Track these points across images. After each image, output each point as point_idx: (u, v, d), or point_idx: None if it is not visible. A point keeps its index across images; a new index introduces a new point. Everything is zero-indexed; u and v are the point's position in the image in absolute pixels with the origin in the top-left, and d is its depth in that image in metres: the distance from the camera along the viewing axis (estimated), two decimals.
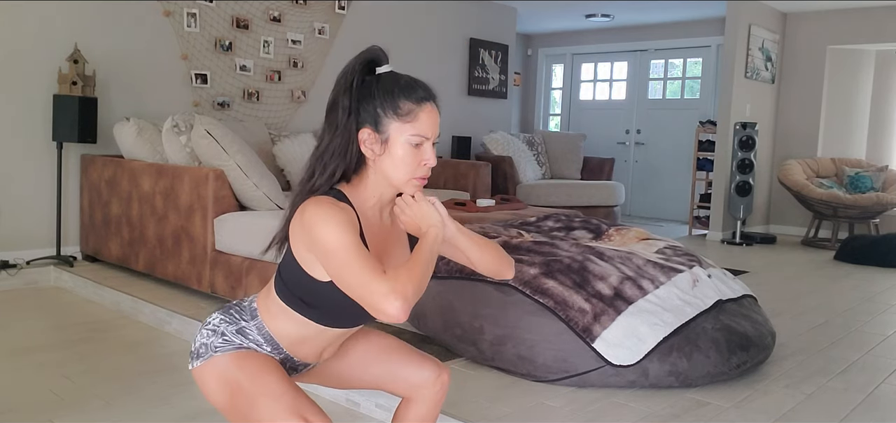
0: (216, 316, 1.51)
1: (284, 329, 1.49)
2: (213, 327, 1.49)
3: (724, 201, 7.39)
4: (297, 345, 1.51)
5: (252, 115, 5.78)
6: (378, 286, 1.27)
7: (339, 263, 1.31)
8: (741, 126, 7.07)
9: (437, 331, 3.08)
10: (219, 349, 1.46)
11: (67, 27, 4.69)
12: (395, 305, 1.25)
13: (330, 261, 1.32)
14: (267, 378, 1.43)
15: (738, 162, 7.09)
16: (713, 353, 2.73)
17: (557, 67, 10.38)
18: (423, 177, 1.46)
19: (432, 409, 1.69)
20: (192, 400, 2.63)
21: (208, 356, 1.46)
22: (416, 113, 1.41)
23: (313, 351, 1.55)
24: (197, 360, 1.48)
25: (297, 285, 1.44)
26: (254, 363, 1.45)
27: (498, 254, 1.58)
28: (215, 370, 1.46)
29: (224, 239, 3.70)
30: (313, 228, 1.33)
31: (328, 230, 1.32)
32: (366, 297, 1.28)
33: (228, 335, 1.48)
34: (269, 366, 1.46)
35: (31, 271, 4.41)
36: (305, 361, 1.56)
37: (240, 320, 1.50)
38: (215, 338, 1.47)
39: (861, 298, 4.65)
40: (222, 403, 1.46)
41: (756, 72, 7.54)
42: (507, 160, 7.21)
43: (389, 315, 1.26)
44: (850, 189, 7.20)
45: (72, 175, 4.82)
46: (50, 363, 2.99)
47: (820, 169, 7.48)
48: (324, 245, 1.32)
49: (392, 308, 1.26)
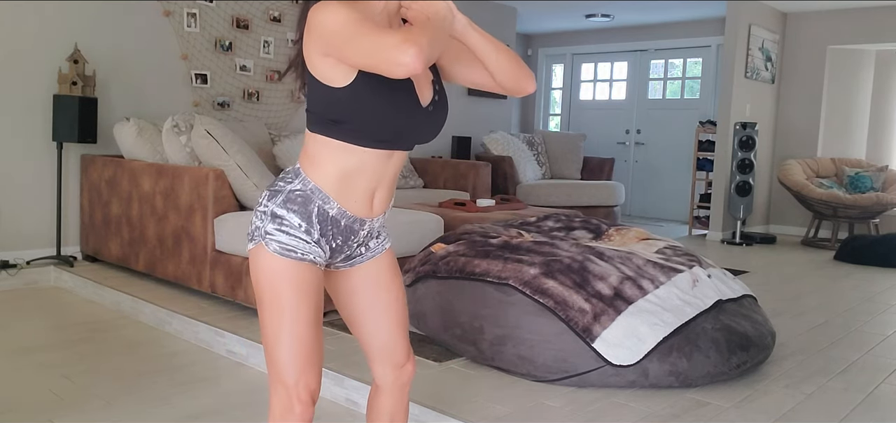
0: (265, 194, 1.51)
1: (327, 171, 1.47)
2: (263, 207, 1.49)
3: (724, 201, 7.39)
4: (345, 187, 1.48)
5: (252, 115, 5.78)
6: (389, 39, 1.26)
7: (347, 36, 1.31)
8: (741, 126, 7.07)
9: (437, 331, 3.08)
10: (269, 238, 1.46)
11: (67, 27, 4.69)
12: (409, 51, 1.24)
13: (339, 41, 1.32)
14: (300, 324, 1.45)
15: (738, 162, 7.09)
16: (713, 353, 2.73)
17: (557, 67, 10.38)
18: None
19: (399, 398, 1.70)
20: (192, 400, 2.63)
21: (259, 239, 1.48)
22: None
23: (362, 193, 1.51)
24: (251, 241, 1.50)
25: (324, 106, 1.44)
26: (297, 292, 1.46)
27: (515, 59, 1.54)
28: (265, 266, 1.47)
29: (224, 239, 3.70)
30: (319, 21, 1.34)
31: (331, 13, 1.32)
32: (379, 52, 1.27)
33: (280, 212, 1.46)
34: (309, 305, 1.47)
35: (31, 271, 4.41)
36: (358, 214, 1.52)
37: (285, 186, 1.49)
38: (266, 221, 1.47)
39: (861, 298, 4.65)
40: (258, 296, 1.49)
41: (756, 72, 7.54)
42: (507, 160, 7.22)
43: (404, 64, 1.25)
44: (850, 189, 7.20)
45: (72, 175, 4.82)
46: (50, 363, 2.99)
47: (820, 169, 7.48)
48: (330, 28, 1.32)
49: (406, 56, 1.24)
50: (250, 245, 1.50)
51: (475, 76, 1.59)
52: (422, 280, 3.20)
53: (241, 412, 2.55)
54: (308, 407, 1.48)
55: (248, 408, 2.59)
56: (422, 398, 2.49)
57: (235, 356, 3.14)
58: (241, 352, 3.11)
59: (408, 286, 3.29)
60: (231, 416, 2.52)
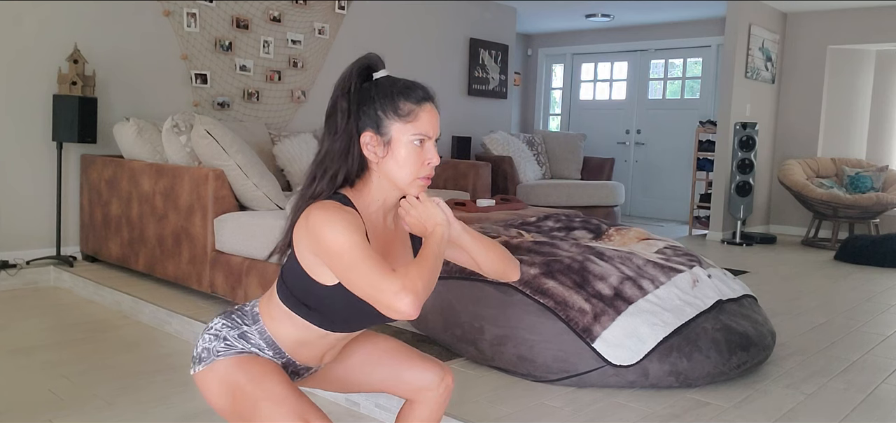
0: (218, 321, 1.51)
1: (286, 333, 1.49)
2: (216, 332, 1.49)
3: (724, 201, 7.39)
4: (299, 349, 1.51)
5: (252, 115, 5.78)
6: (389, 284, 1.27)
7: (347, 264, 1.30)
8: (741, 126, 7.07)
9: (437, 331, 3.08)
10: (220, 354, 1.46)
11: (67, 27, 4.69)
12: (406, 301, 1.26)
13: (337, 263, 1.32)
14: (269, 382, 1.43)
15: (738, 162, 7.09)
16: (713, 353, 2.73)
17: (557, 67, 10.38)
18: (427, 176, 1.46)
19: (436, 411, 1.68)
20: (191, 400, 2.63)
21: (210, 360, 1.46)
22: (416, 113, 1.42)
23: (315, 355, 1.55)
24: (199, 364, 1.48)
25: (301, 290, 1.44)
26: (256, 367, 1.45)
27: (503, 255, 1.58)
28: (217, 375, 1.46)
29: (224, 239, 3.70)
30: (319, 231, 1.33)
31: (334, 233, 1.31)
32: (376, 296, 1.28)
33: (231, 340, 1.48)
34: (271, 369, 1.46)
35: (31, 271, 4.41)
36: (307, 364, 1.56)
37: (241, 325, 1.50)
38: (217, 343, 1.47)
39: (861, 298, 4.65)
40: (224, 407, 1.46)
41: (756, 72, 7.54)
42: (507, 160, 7.22)
43: (401, 312, 1.27)
44: (850, 189, 7.20)
45: (72, 175, 4.82)
46: (50, 363, 2.99)
47: (820, 169, 7.48)
48: (330, 248, 1.32)
49: (403, 305, 1.26)
50: (199, 367, 1.48)
51: (460, 257, 1.59)
52: None
53: None
54: None
55: None
56: None
57: None
58: None
59: None
60: None
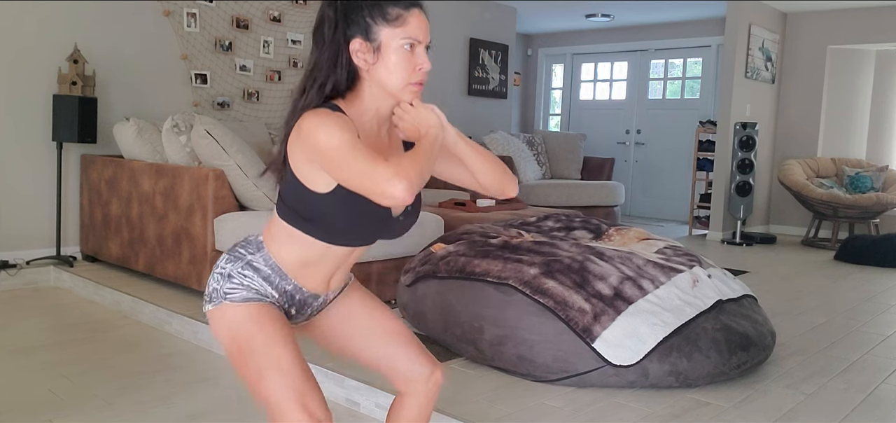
0: (223, 257, 1.52)
1: (290, 255, 1.48)
2: (221, 269, 1.49)
3: (724, 201, 7.39)
4: (304, 271, 1.50)
5: (252, 115, 5.78)
6: (382, 171, 1.28)
7: (340, 160, 1.31)
8: (741, 126, 7.07)
9: (437, 331, 3.08)
10: (228, 295, 1.46)
11: (67, 27, 4.69)
12: (399, 186, 1.26)
13: (331, 161, 1.33)
14: (277, 348, 1.43)
15: (738, 162, 7.09)
16: (713, 353, 2.73)
17: (557, 67, 10.38)
18: (419, 82, 1.45)
19: (424, 407, 1.68)
20: (192, 400, 2.63)
21: (219, 301, 1.47)
22: (405, 17, 1.41)
23: (322, 277, 1.53)
24: (209, 304, 1.49)
25: (299, 203, 1.44)
26: (265, 325, 1.45)
27: (500, 168, 1.56)
28: (227, 320, 1.46)
29: (224, 239, 3.70)
30: (311, 134, 1.34)
31: (326, 133, 1.32)
32: (370, 183, 1.28)
33: (236, 276, 1.47)
34: (281, 333, 1.45)
35: (31, 271, 4.41)
36: (314, 291, 1.54)
37: (246, 255, 1.49)
38: (224, 282, 1.47)
39: (861, 298, 4.65)
40: (230, 353, 1.47)
41: (756, 72, 7.54)
42: (507, 160, 7.21)
43: (394, 196, 1.27)
44: (850, 189, 7.20)
45: (72, 175, 4.82)
46: (50, 363, 2.99)
47: (820, 169, 7.48)
48: (323, 148, 1.33)
49: (396, 190, 1.26)
50: (209, 306, 1.49)
51: (457, 174, 1.59)
52: (422, 280, 3.20)
53: (241, 413, 2.55)
54: None
55: (247, 408, 2.58)
56: None
57: None
58: None
59: (408, 286, 3.29)
60: (231, 416, 2.52)
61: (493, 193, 1.58)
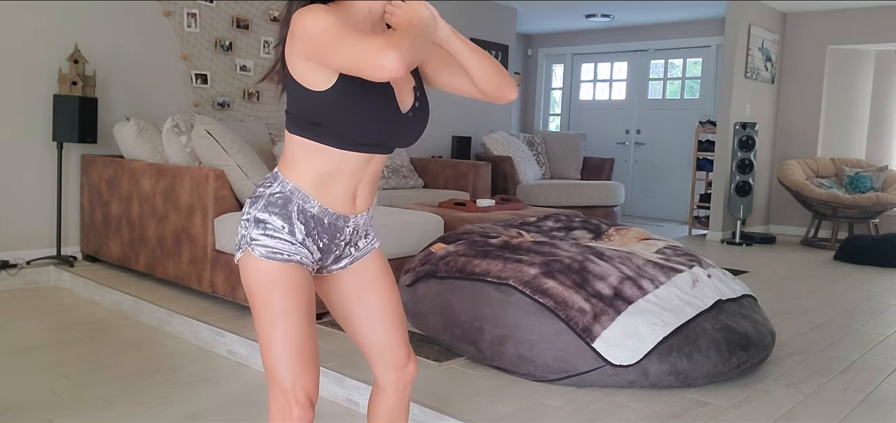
0: (247, 203, 1.53)
1: (306, 172, 1.48)
2: (246, 215, 1.51)
3: (724, 201, 7.39)
4: (324, 187, 1.49)
5: (252, 115, 5.79)
6: (371, 43, 1.28)
7: (330, 41, 1.32)
8: (741, 126, 7.07)
9: (437, 331, 3.08)
10: (255, 243, 1.47)
11: (67, 27, 4.69)
12: (390, 55, 1.26)
13: (322, 46, 1.33)
14: (287, 324, 1.45)
15: (738, 162, 7.09)
16: (713, 353, 2.73)
17: (557, 67, 10.38)
18: None
19: (400, 400, 1.70)
20: (192, 400, 2.63)
21: (245, 247, 1.49)
22: None
23: (343, 193, 1.52)
24: (238, 251, 1.51)
25: (304, 108, 1.44)
26: (287, 294, 1.46)
27: (497, 67, 1.56)
28: (253, 270, 1.48)
29: (224, 239, 3.70)
30: (301, 25, 1.35)
31: (313, 18, 1.33)
32: (361, 56, 1.28)
33: (261, 218, 1.48)
34: (295, 307, 1.47)
35: (32, 271, 4.42)
36: (340, 210, 1.53)
37: (265, 191, 1.50)
38: (250, 228, 1.49)
39: (861, 298, 4.65)
40: (252, 301, 1.50)
41: (756, 72, 7.54)
42: (507, 160, 7.22)
43: (386, 67, 1.26)
44: (849, 189, 7.20)
45: (72, 175, 4.82)
46: (50, 363, 2.99)
47: (820, 169, 7.49)
48: (313, 33, 1.33)
49: (387, 59, 1.26)
50: (238, 254, 1.51)
51: (457, 83, 1.60)
52: (422, 280, 3.20)
53: (241, 413, 2.55)
54: (306, 410, 1.48)
55: (248, 408, 2.59)
56: (422, 398, 2.49)
57: (235, 355, 3.14)
58: (242, 352, 3.11)
59: (408, 286, 3.29)
60: (231, 416, 2.52)
61: (491, 96, 1.57)
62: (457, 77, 1.59)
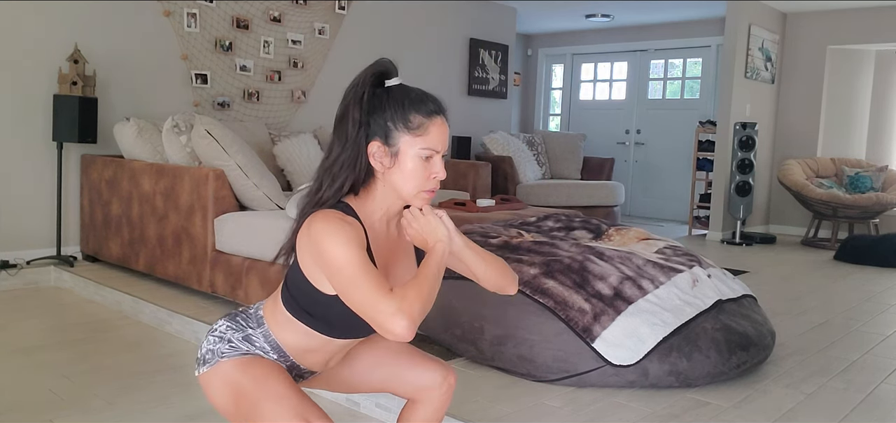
0: (222, 323, 1.52)
1: (290, 339, 1.50)
2: (220, 334, 1.50)
3: (724, 201, 7.39)
4: (304, 354, 1.52)
5: (252, 115, 5.78)
6: (385, 306, 1.27)
7: (345, 280, 1.31)
8: (741, 126, 7.07)
9: (437, 331, 3.08)
10: (225, 355, 1.47)
11: (67, 27, 4.69)
12: (401, 325, 1.27)
13: (336, 277, 1.33)
14: (271, 382, 1.44)
15: (738, 162, 7.09)
16: (713, 353, 2.73)
17: (557, 67, 10.38)
18: (432, 190, 1.46)
19: (438, 410, 1.69)
20: (192, 400, 2.63)
21: (214, 361, 1.47)
22: (426, 126, 1.41)
23: (320, 360, 1.55)
24: (203, 366, 1.49)
25: (304, 297, 1.45)
26: (258, 368, 1.46)
27: (503, 270, 1.59)
28: (221, 376, 1.46)
29: (224, 239, 3.70)
30: (320, 242, 1.34)
31: (335, 246, 1.32)
32: (372, 315, 1.29)
33: (235, 342, 1.48)
34: (274, 370, 1.46)
35: (32, 271, 4.41)
36: (312, 369, 1.57)
37: (246, 328, 1.50)
38: (222, 344, 1.48)
39: (861, 298, 4.65)
40: (227, 408, 1.47)
41: (756, 72, 7.54)
42: (507, 160, 7.22)
43: (396, 334, 1.27)
44: (849, 189, 7.20)
45: (72, 175, 4.82)
46: (50, 363, 2.99)
47: (820, 169, 7.49)
48: (331, 261, 1.32)
49: (398, 328, 1.27)
50: (203, 370, 1.48)
51: (459, 268, 1.59)
52: None
53: None
54: None
55: None
56: None
57: None
58: None
59: None
60: None
61: (492, 290, 1.61)
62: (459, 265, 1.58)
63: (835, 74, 7.80)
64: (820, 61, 7.77)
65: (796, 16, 7.90)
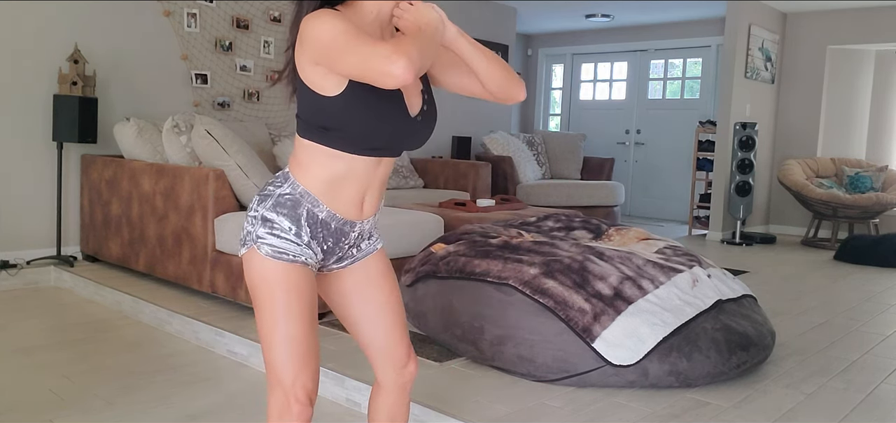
0: (255, 200, 1.53)
1: (316, 175, 1.48)
2: (253, 212, 1.51)
3: (724, 201, 7.39)
4: (333, 191, 1.50)
5: (252, 115, 5.78)
6: (380, 50, 1.27)
7: (339, 48, 1.32)
8: (741, 126, 7.07)
9: (438, 331, 3.08)
10: (260, 240, 1.47)
11: (67, 27, 4.69)
12: (399, 63, 1.26)
13: (331, 52, 1.33)
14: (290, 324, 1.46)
15: (738, 162, 7.09)
16: (713, 353, 2.73)
17: (557, 67, 10.38)
18: None
19: (399, 400, 1.71)
20: (192, 400, 2.63)
21: (251, 243, 1.49)
22: None
23: (351, 197, 1.52)
24: (243, 247, 1.51)
25: (315, 113, 1.45)
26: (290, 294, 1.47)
27: (506, 69, 1.56)
28: (257, 268, 1.48)
29: (224, 239, 3.70)
30: (311, 31, 1.35)
31: (323, 24, 1.33)
32: (369, 63, 1.28)
33: (269, 218, 1.48)
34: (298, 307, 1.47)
35: (32, 271, 4.42)
36: (348, 216, 1.53)
37: (274, 191, 1.50)
38: (257, 225, 1.49)
39: (861, 298, 4.65)
40: (254, 299, 1.51)
41: (756, 72, 7.54)
42: (507, 160, 7.22)
43: (394, 74, 1.26)
44: (849, 189, 7.20)
45: (72, 175, 4.82)
46: (50, 363, 2.99)
47: (820, 169, 7.49)
48: (323, 39, 1.33)
49: (396, 67, 1.26)
50: (243, 250, 1.51)
51: (466, 84, 1.60)
52: (422, 280, 3.20)
53: (241, 413, 2.55)
54: (305, 407, 1.48)
55: (248, 408, 2.59)
56: (422, 397, 2.49)
57: (236, 356, 3.14)
58: (242, 352, 3.11)
59: (408, 286, 3.29)
60: (231, 416, 2.52)
61: (499, 97, 1.57)
62: (465, 77, 1.59)
63: (835, 74, 7.80)
64: (820, 61, 7.77)
65: (796, 16, 7.90)
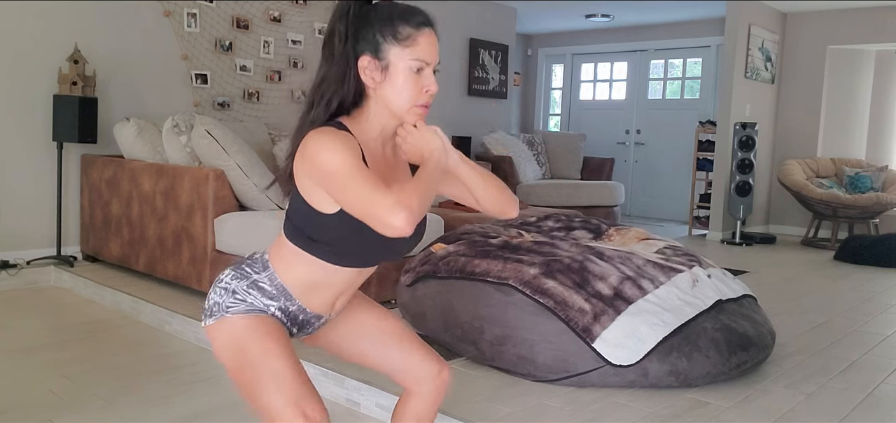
0: (228, 272, 1.51)
1: (296, 276, 1.48)
2: (225, 284, 1.48)
3: (724, 201, 7.39)
4: (310, 292, 1.50)
5: (252, 115, 5.78)
6: (382, 198, 1.26)
7: (341, 183, 1.30)
8: (741, 126, 7.07)
9: (438, 331, 3.08)
10: (230, 309, 1.46)
11: (67, 27, 4.69)
12: (400, 216, 1.25)
13: (333, 184, 1.32)
14: (275, 359, 1.43)
15: (738, 162, 7.09)
16: (713, 353, 2.73)
17: (557, 67, 10.38)
18: (425, 104, 1.44)
19: (431, 405, 1.69)
20: (192, 400, 2.63)
21: (219, 315, 1.46)
22: (415, 37, 1.40)
23: (326, 300, 1.53)
24: (209, 318, 1.48)
25: (306, 223, 1.44)
26: (263, 337, 1.44)
27: (501, 189, 1.56)
28: (226, 332, 1.46)
29: (224, 239, 3.70)
30: (315, 155, 1.33)
31: (329, 154, 1.32)
32: (371, 210, 1.27)
33: (240, 292, 1.47)
34: (279, 344, 1.45)
35: (32, 271, 4.41)
36: (318, 312, 1.54)
37: (252, 274, 1.49)
38: (227, 297, 1.47)
39: (861, 298, 4.65)
40: (229, 365, 1.47)
41: (756, 72, 7.54)
42: (507, 160, 7.22)
43: (395, 227, 1.26)
44: (849, 189, 7.20)
45: (72, 175, 4.82)
46: (50, 362, 2.99)
47: (820, 169, 7.49)
48: (326, 169, 1.32)
49: (397, 220, 1.25)
50: (209, 322, 1.48)
51: (457, 192, 1.58)
52: (422, 280, 3.20)
53: (241, 413, 2.55)
54: None
55: (248, 408, 2.59)
56: None
57: None
58: None
59: (408, 286, 3.29)
60: (230, 416, 2.52)
61: (493, 214, 1.58)
62: (457, 188, 1.58)
63: (835, 74, 7.80)
64: (820, 61, 7.77)
65: (796, 16, 7.90)
